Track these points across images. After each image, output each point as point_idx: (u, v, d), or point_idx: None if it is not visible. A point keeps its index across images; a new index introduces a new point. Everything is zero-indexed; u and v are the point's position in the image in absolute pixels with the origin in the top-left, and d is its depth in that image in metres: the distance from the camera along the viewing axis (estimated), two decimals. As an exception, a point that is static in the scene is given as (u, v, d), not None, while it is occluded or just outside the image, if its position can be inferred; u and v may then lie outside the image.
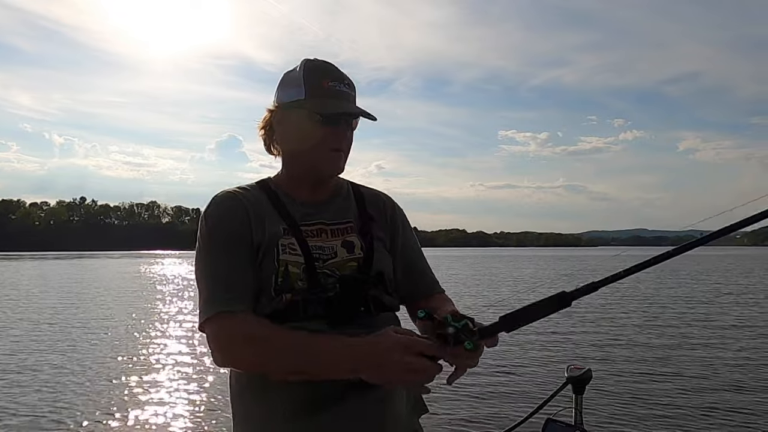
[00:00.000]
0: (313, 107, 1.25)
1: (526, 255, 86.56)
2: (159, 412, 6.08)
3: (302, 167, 1.32)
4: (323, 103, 1.26)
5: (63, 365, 8.44)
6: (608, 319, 12.68)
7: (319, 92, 1.27)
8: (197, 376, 7.71)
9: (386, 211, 1.42)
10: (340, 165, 1.32)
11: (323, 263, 1.25)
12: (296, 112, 1.27)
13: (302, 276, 1.22)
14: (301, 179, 1.33)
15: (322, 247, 1.27)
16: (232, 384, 1.30)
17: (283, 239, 1.24)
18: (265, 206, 1.29)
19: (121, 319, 13.86)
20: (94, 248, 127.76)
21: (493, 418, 5.67)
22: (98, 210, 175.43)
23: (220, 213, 1.26)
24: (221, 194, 1.30)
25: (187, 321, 13.33)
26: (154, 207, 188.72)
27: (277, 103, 1.32)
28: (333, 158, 1.29)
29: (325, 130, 1.26)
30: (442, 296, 1.42)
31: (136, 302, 17.89)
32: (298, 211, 1.30)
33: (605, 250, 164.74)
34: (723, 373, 7.43)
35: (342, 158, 1.31)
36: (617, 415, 5.68)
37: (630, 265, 1.06)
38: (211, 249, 1.24)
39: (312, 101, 1.26)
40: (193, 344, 10.12)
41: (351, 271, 1.26)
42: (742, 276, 29.13)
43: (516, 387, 6.84)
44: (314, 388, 1.15)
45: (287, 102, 1.29)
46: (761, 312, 13.46)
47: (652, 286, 22.02)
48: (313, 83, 1.27)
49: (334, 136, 1.27)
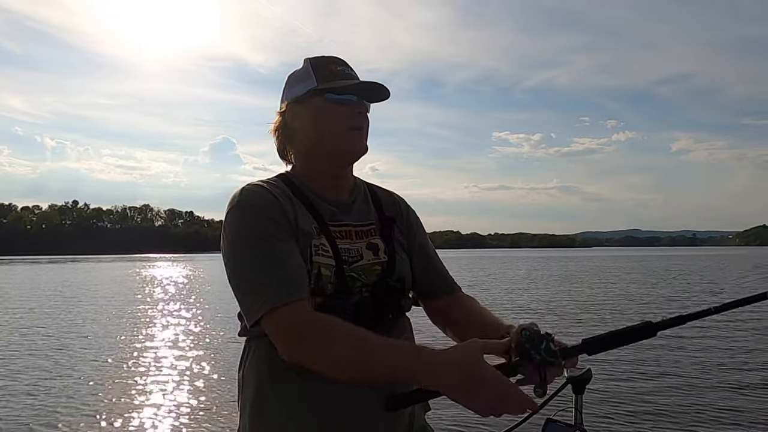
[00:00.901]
0: (327, 89, 1.25)
1: (520, 256, 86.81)
2: (152, 416, 6.02)
3: (324, 157, 1.28)
4: (336, 84, 1.26)
5: (52, 369, 8.35)
6: (608, 319, 12.73)
7: (330, 76, 1.26)
8: (192, 378, 7.65)
9: (402, 212, 1.42)
10: (364, 144, 1.29)
11: (350, 266, 1.24)
12: (311, 101, 1.26)
13: (332, 279, 1.20)
14: (321, 174, 1.30)
15: (349, 249, 1.25)
16: (248, 378, 1.25)
17: (315, 239, 1.22)
18: (294, 203, 1.24)
19: (114, 322, 13.75)
20: (86, 252, 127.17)
21: (493, 418, 5.63)
22: (91, 213, 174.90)
23: (260, 201, 1.20)
24: (251, 186, 1.25)
25: (180, 324, 13.26)
26: (147, 210, 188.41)
27: (289, 100, 1.30)
28: (355, 137, 1.27)
29: (343, 109, 1.25)
30: (467, 296, 1.44)
31: (129, 305, 17.77)
32: (326, 210, 1.28)
33: (599, 251, 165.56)
34: (723, 373, 7.43)
35: (363, 137, 1.29)
36: (617, 415, 5.67)
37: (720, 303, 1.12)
38: (259, 236, 1.16)
39: (325, 85, 1.25)
40: (186, 347, 10.07)
41: (376, 275, 1.26)
42: (741, 275, 29.19)
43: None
44: (334, 388, 1.14)
45: (300, 95, 1.28)
46: (761, 312, 13.54)
47: (652, 286, 22.17)
48: (322, 70, 1.27)
49: (351, 113, 1.26)
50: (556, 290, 21.52)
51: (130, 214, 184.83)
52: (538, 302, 16.91)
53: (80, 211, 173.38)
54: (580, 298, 18.09)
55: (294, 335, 1.11)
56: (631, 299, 17.55)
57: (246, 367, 1.27)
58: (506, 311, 14.60)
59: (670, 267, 40.60)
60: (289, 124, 1.30)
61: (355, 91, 1.26)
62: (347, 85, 1.25)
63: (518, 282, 26.62)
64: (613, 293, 19.72)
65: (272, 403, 1.20)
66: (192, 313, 15.63)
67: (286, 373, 1.18)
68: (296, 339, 1.11)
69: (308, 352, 1.11)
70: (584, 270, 38.45)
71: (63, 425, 5.77)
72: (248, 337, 1.27)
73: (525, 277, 30.86)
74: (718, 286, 22.20)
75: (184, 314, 15.22)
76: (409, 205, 1.46)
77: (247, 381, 1.26)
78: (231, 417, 5.86)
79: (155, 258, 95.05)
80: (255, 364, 1.25)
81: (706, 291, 20.29)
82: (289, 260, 1.15)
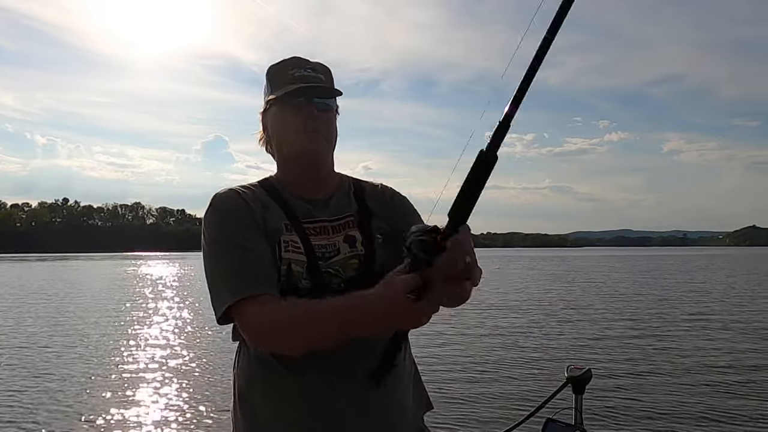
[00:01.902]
0: (277, 97, 1.28)
1: (512, 255, 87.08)
2: (139, 416, 5.93)
3: (292, 161, 1.31)
4: (285, 89, 1.27)
5: (40, 366, 8.22)
6: (608, 319, 12.71)
7: (283, 82, 1.29)
8: (181, 378, 7.56)
9: (386, 197, 1.40)
10: (317, 146, 1.28)
11: (326, 261, 1.24)
12: (270, 111, 1.31)
13: (305, 275, 1.22)
14: (297, 177, 1.32)
15: (325, 245, 1.26)
16: (239, 377, 1.30)
17: (285, 236, 1.24)
18: (265, 201, 1.28)
19: (103, 321, 13.61)
20: (76, 250, 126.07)
21: (493, 418, 5.64)
22: (81, 211, 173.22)
23: (229, 206, 1.26)
24: (223, 191, 1.30)
25: (169, 323, 13.15)
26: (138, 208, 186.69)
27: (261, 112, 1.35)
28: (308, 139, 1.27)
29: (294, 114, 1.26)
30: None
31: (119, 304, 17.60)
32: (300, 207, 1.29)
33: (591, 250, 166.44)
34: (723, 373, 7.43)
35: (318, 139, 1.28)
36: (617, 415, 5.65)
37: None
38: (227, 238, 1.22)
39: (277, 93, 1.28)
40: (176, 347, 9.97)
41: (353, 269, 1.26)
42: (741, 276, 29.28)
43: (516, 387, 6.81)
44: (323, 381, 1.19)
45: (265, 107, 1.33)
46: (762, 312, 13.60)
47: (651, 286, 22.26)
48: (276, 78, 1.31)
49: (303, 117, 1.26)
50: (547, 289, 21.58)
51: (122, 212, 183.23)
52: (529, 302, 16.92)
53: (70, 208, 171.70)
54: (570, 297, 18.14)
55: (257, 327, 1.16)
56: (620, 298, 17.62)
57: (238, 367, 1.31)
58: (496, 309, 14.59)
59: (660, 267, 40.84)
60: (266, 132, 1.35)
61: (303, 93, 1.26)
62: (291, 90, 1.26)
63: (511, 282, 26.67)
64: (603, 292, 19.80)
65: (260, 401, 1.24)
66: (182, 311, 15.54)
67: (273, 370, 1.22)
68: (258, 330, 1.16)
69: (271, 341, 1.17)
70: (576, 269, 38.60)
71: (47, 425, 5.67)
72: (240, 339, 1.29)
73: (518, 276, 30.92)
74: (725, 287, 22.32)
75: (174, 313, 15.12)
76: (396, 192, 1.42)
77: (238, 380, 1.30)
78: (221, 417, 5.79)
79: (146, 256, 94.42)
80: (244, 364, 1.29)
81: (711, 290, 20.41)
82: (254, 258, 1.19)
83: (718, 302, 16.37)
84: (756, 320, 12.43)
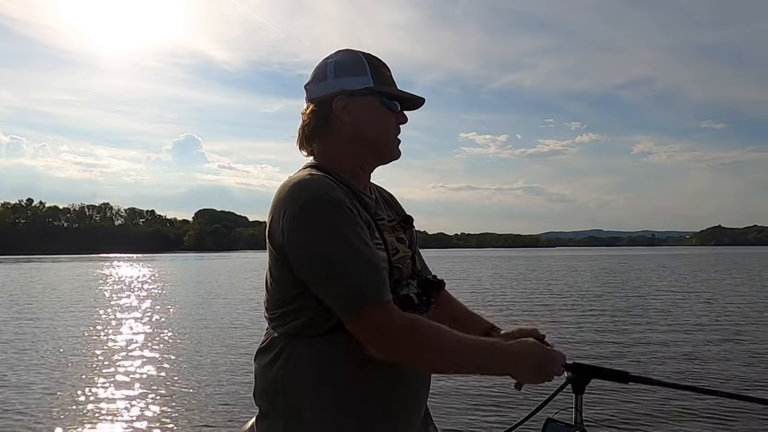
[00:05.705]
0: (384, 94, 1.28)
1: (487, 256, 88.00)
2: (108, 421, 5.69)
3: (369, 155, 1.31)
4: (390, 90, 1.30)
5: (4, 375, 7.84)
6: (609, 320, 12.71)
7: (384, 80, 1.29)
8: (156, 378, 7.32)
9: (396, 201, 1.48)
10: (397, 153, 1.36)
11: (395, 258, 1.28)
12: (365, 99, 1.27)
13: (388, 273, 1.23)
14: (356, 169, 1.30)
15: (392, 242, 1.29)
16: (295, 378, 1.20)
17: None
18: (350, 196, 1.23)
19: (70, 324, 13.18)
20: (42, 251, 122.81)
21: (493, 418, 5.59)
22: (46, 212, 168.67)
23: (338, 196, 1.18)
24: (318, 178, 1.21)
25: (137, 326, 12.80)
26: (106, 209, 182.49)
27: (341, 91, 1.27)
28: (397, 145, 1.33)
29: (393, 116, 1.30)
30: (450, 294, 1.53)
31: (85, 307, 17.11)
32: (369, 205, 1.29)
33: (562, 250, 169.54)
34: (723, 373, 7.44)
35: (399, 148, 1.36)
36: (617, 415, 5.60)
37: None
38: (349, 231, 1.16)
39: (381, 87, 1.28)
40: (144, 350, 9.68)
41: (409, 268, 1.32)
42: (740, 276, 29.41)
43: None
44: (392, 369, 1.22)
45: (355, 89, 1.27)
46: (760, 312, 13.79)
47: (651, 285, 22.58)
48: (377, 71, 1.29)
49: (396, 123, 1.31)
50: (547, 289, 21.67)
51: (89, 212, 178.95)
52: (530, 301, 16.95)
53: (35, 209, 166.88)
54: (569, 297, 18.17)
55: (390, 337, 1.15)
56: (620, 298, 17.80)
57: (288, 366, 1.21)
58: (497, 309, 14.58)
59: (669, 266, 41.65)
60: (337, 114, 1.27)
61: (402, 101, 1.31)
62: (399, 95, 1.30)
63: (485, 281, 26.86)
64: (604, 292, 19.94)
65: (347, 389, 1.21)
66: (150, 314, 15.16)
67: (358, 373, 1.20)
68: (391, 341, 1.16)
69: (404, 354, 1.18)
70: (547, 269, 39.15)
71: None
72: (291, 334, 1.21)
73: (491, 276, 31.18)
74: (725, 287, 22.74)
75: (142, 317, 14.74)
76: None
77: (292, 381, 1.20)
78: (192, 417, 5.57)
79: (114, 258, 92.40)
80: (306, 365, 1.20)
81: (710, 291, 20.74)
82: (375, 258, 1.17)
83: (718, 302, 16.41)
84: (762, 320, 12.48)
